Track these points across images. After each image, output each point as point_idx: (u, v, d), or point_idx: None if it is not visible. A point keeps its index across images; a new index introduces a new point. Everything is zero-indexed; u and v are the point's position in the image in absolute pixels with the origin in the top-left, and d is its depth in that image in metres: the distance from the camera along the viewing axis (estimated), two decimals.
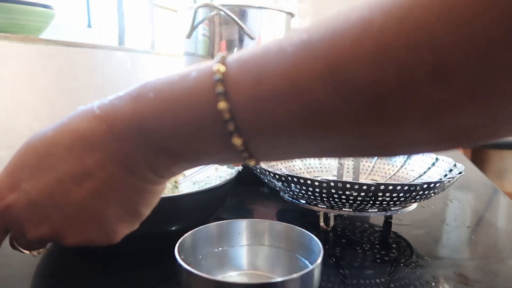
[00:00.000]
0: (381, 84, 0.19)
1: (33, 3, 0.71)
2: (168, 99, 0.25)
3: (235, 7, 0.83)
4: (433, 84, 0.18)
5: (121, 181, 0.27)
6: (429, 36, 0.17)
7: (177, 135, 0.25)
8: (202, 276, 0.29)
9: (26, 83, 0.72)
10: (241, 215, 0.61)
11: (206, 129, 0.24)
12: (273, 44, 0.23)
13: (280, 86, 0.21)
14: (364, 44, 0.19)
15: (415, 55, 0.18)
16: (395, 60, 0.18)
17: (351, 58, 0.19)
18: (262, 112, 0.22)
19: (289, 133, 0.23)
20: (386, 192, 0.44)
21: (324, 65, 0.20)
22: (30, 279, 0.42)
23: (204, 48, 0.87)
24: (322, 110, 0.21)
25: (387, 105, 0.19)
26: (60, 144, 0.27)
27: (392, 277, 0.42)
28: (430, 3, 0.17)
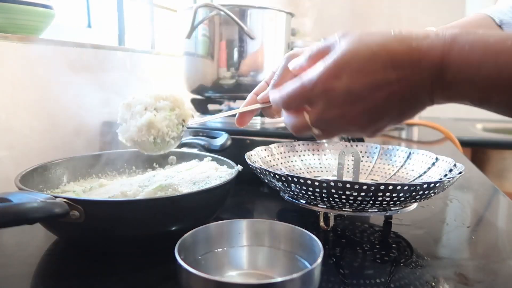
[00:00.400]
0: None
1: (33, 3, 0.71)
2: (480, 54, 0.32)
3: (235, 7, 0.83)
4: None
5: (406, 98, 0.36)
6: None
7: (472, 85, 0.33)
8: (202, 276, 0.29)
9: (26, 83, 0.72)
10: (241, 215, 0.61)
11: (500, 90, 0.32)
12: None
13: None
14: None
15: None
16: None
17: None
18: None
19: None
20: (386, 192, 0.44)
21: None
22: (30, 279, 0.42)
23: (204, 48, 0.87)
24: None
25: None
26: (379, 58, 0.35)
27: (392, 277, 0.42)
28: None
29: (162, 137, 0.52)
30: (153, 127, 0.52)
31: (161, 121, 0.52)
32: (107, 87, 0.93)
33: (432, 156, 0.60)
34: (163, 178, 0.56)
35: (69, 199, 0.39)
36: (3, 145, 0.68)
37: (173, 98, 0.54)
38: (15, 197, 0.36)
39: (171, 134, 0.53)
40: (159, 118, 0.52)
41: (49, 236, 0.48)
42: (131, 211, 0.42)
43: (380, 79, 0.35)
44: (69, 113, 0.82)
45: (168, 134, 0.53)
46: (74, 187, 0.58)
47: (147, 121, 0.51)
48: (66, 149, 0.81)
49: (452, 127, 1.50)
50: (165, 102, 0.53)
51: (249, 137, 0.80)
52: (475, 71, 0.32)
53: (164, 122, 0.52)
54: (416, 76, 0.34)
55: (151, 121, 0.51)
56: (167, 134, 0.53)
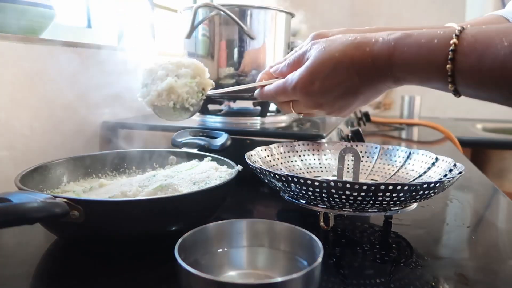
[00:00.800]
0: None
1: (33, 3, 0.71)
2: (415, 53, 0.40)
3: (235, 7, 0.83)
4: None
5: (369, 91, 0.47)
6: None
7: (413, 75, 0.42)
8: (202, 276, 0.29)
9: (26, 83, 0.72)
10: (241, 215, 0.61)
11: (433, 77, 0.40)
12: (499, 34, 0.35)
13: (495, 70, 0.35)
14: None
15: None
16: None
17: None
18: (476, 79, 0.37)
19: (490, 96, 0.38)
20: (386, 192, 0.44)
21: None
22: (30, 279, 0.42)
23: (204, 48, 0.87)
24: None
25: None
26: (343, 63, 0.45)
27: (392, 277, 0.42)
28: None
29: (182, 103, 0.53)
30: (173, 92, 0.52)
31: (181, 87, 0.53)
32: (107, 87, 0.93)
33: (432, 156, 0.60)
34: (163, 178, 0.56)
35: (69, 199, 0.39)
36: (3, 145, 0.68)
37: (195, 66, 0.55)
38: (15, 197, 0.36)
39: (190, 100, 0.54)
40: (179, 84, 0.53)
41: (49, 236, 0.48)
42: (131, 211, 0.42)
43: (345, 79, 0.45)
44: (69, 113, 0.82)
45: (187, 100, 0.53)
46: (74, 187, 0.58)
47: (168, 86, 0.52)
48: (66, 149, 0.81)
49: (452, 127, 1.50)
50: (186, 69, 0.54)
51: (249, 137, 0.80)
52: (413, 66, 0.41)
53: (184, 88, 0.53)
54: (372, 73, 0.44)
55: (171, 86, 0.52)
56: (187, 100, 0.53)
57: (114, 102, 0.96)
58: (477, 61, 0.36)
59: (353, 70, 0.44)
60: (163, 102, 0.53)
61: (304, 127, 0.92)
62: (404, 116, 1.76)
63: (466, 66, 0.37)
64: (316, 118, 1.12)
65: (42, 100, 0.76)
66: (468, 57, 0.37)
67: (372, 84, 0.45)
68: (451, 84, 0.39)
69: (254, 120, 0.90)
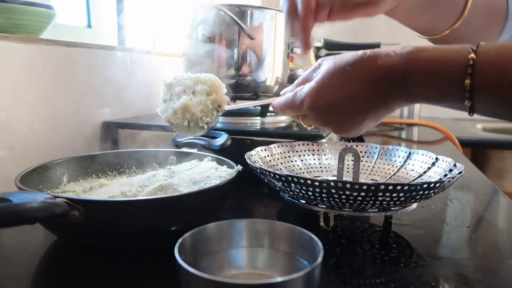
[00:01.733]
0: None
1: (33, 3, 0.71)
2: (430, 67, 0.39)
3: (235, 7, 0.83)
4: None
5: (380, 109, 0.44)
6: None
7: (428, 90, 0.40)
8: (202, 276, 0.29)
9: (26, 83, 0.72)
10: (241, 215, 0.61)
11: (450, 92, 0.38)
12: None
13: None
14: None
15: None
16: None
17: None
18: (496, 95, 0.36)
19: (508, 112, 0.37)
20: (386, 192, 0.44)
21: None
22: (30, 279, 0.42)
23: (204, 48, 0.87)
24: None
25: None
26: (354, 78, 0.43)
27: (392, 277, 0.42)
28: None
29: (196, 121, 0.53)
30: (188, 111, 0.53)
31: (196, 106, 0.53)
32: (107, 87, 0.93)
33: (432, 156, 0.60)
34: (163, 178, 0.56)
35: (69, 199, 0.39)
36: (3, 145, 0.69)
37: (211, 82, 0.55)
38: (15, 197, 0.36)
39: (204, 119, 0.54)
40: (194, 103, 0.53)
41: (49, 236, 0.48)
42: (131, 211, 0.42)
43: (356, 93, 0.43)
44: (69, 113, 0.82)
45: (202, 119, 0.54)
46: (74, 187, 0.58)
47: (183, 105, 0.53)
48: (66, 149, 0.81)
49: (452, 127, 1.50)
50: (203, 86, 0.54)
51: (249, 137, 0.80)
52: (429, 81, 0.40)
53: (198, 107, 0.53)
54: (385, 88, 0.42)
55: (186, 105, 0.53)
56: (201, 119, 0.54)
57: (114, 102, 0.96)
58: (496, 76, 0.36)
59: (365, 84, 0.42)
60: (178, 120, 0.54)
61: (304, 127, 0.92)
62: (404, 116, 1.76)
63: (486, 81, 0.36)
64: None
65: (42, 100, 0.76)
66: (488, 72, 0.36)
67: (384, 100, 0.43)
68: (468, 100, 0.37)
69: (254, 120, 0.90)
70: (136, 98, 1.04)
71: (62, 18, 0.92)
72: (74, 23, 1.03)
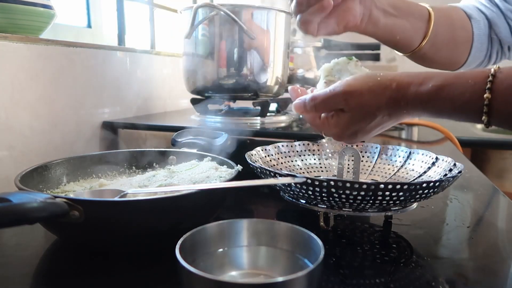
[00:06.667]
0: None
1: (33, 3, 0.71)
2: (446, 94, 0.41)
3: (235, 7, 0.83)
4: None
5: (389, 123, 0.49)
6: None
7: (443, 113, 0.43)
8: (203, 276, 0.29)
9: (26, 83, 0.72)
10: (241, 215, 0.61)
11: (466, 113, 0.41)
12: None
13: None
14: None
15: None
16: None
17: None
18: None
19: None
20: (386, 192, 0.44)
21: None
22: (30, 279, 0.42)
23: (204, 48, 0.87)
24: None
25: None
26: (368, 100, 0.45)
27: (392, 277, 0.42)
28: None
29: None
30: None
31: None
32: (107, 87, 0.93)
33: (432, 156, 0.60)
34: (163, 178, 0.56)
35: (69, 199, 0.39)
36: (3, 145, 0.68)
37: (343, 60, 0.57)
38: (15, 197, 0.36)
39: None
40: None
41: (49, 236, 0.48)
42: (131, 211, 0.42)
43: (373, 105, 0.46)
44: (69, 113, 0.82)
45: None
46: (74, 187, 0.58)
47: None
48: (66, 149, 0.81)
49: (452, 127, 1.50)
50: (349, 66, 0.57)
51: (249, 137, 0.80)
52: (446, 117, 0.44)
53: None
54: (402, 113, 0.46)
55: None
56: None
57: (114, 102, 0.96)
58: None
59: (384, 105, 0.45)
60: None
61: (304, 127, 0.92)
62: None
63: (503, 116, 0.39)
64: None
65: (42, 100, 0.76)
66: (503, 110, 0.38)
67: (399, 118, 0.47)
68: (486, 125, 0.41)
69: (254, 120, 0.90)
70: (136, 98, 1.04)
71: (62, 18, 0.92)
72: (74, 23, 1.03)
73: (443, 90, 0.42)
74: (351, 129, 0.49)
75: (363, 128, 0.49)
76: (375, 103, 0.46)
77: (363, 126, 0.48)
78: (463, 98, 0.41)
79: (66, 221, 0.39)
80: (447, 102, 0.42)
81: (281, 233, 0.39)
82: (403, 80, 0.45)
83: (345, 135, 0.50)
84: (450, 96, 0.41)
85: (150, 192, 0.50)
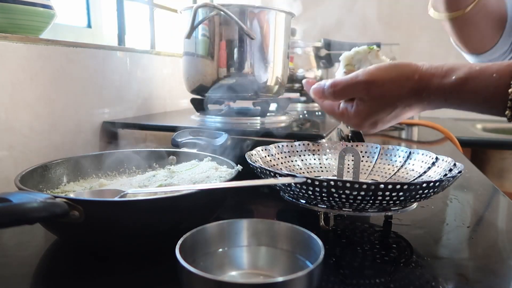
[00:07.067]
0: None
1: (33, 3, 0.71)
2: (469, 87, 0.41)
3: (235, 7, 0.83)
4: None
5: (409, 114, 0.49)
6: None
7: (466, 106, 0.43)
8: (204, 276, 0.29)
9: (26, 83, 0.72)
10: (241, 215, 0.61)
11: (489, 107, 0.42)
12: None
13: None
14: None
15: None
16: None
17: None
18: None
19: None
20: (386, 192, 0.44)
21: None
22: (30, 279, 0.42)
23: (204, 48, 0.87)
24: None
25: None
26: (390, 91, 0.46)
27: (392, 277, 0.42)
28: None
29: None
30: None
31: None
32: (107, 87, 0.93)
33: (432, 156, 0.60)
34: (163, 178, 0.56)
35: (69, 199, 0.39)
36: (3, 145, 0.68)
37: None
38: (15, 197, 0.36)
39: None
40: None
41: (49, 236, 0.48)
42: (131, 211, 0.42)
43: (397, 95, 0.46)
44: (69, 113, 0.82)
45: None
46: (74, 187, 0.58)
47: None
48: (66, 149, 0.81)
49: (452, 127, 1.50)
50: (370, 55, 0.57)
51: (249, 137, 0.80)
52: (470, 110, 0.44)
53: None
54: (424, 103, 0.46)
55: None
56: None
57: (114, 102, 0.96)
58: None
59: (405, 94, 0.45)
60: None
61: (304, 127, 0.92)
62: None
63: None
64: (316, 118, 1.12)
65: (42, 100, 0.76)
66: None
67: (420, 109, 0.48)
68: (509, 119, 0.41)
69: (254, 120, 0.90)
70: (136, 98, 1.04)
71: (62, 18, 0.92)
72: (74, 23, 1.03)
73: (467, 83, 0.41)
74: (371, 119, 0.49)
75: (383, 118, 0.49)
76: (396, 93, 0.46)
77: (384, 116, 0.48)
78: (487, 92, 0.40)
79: (66, 221, 0.39)
80: (470, 95, 0.41)
81: (281, 233, 0.39)
82: (426, 72, 0.44)
83: (365, 125, 0.50)
84: (474, 90, 0.41)
85: (150, 192, 0.49)
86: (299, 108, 1.41)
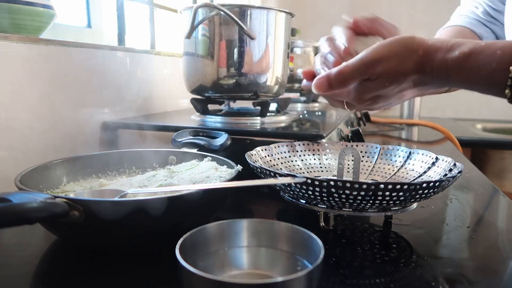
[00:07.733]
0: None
1: (33, 3, 0.71)
2: (472, 62, 0.41)
3: (235, 7, 0.83)
4: None
5: (411, 92, 0.49)
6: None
7: (468, 82, 0.43)
8: (204, 276, 0.29)
9: (26, 83, 0.72)
10: (241, 215, 0.61)
11: (490, 85, 0.41)
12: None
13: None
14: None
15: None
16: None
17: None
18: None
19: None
20: (386, 192, 0.44)
21: None
22: (30, 279, 0.42)
23: (204, 48, 0.87)
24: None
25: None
26: (395, 66, 0.45)
27: (392, 277, 0.42)
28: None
29: None
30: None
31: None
32: (107, 87, 0.93)
33: (432, 156, 0.60)
34: (163, 178, 0.56)
35: (69, 199, 0.39)
36: (3, 145, 0.68)
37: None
38: (15, 197, 0.36)
39: None
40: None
41: (49, 236, 0.48)
42: (131, 211, 0.42)
43: (408, 69, 0.45)
44: (69, 113, 0.82)
45: None
46: (74, 187, 0.58)
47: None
48: (66, 149, 0.81)
49: (452, 127, 1.50)
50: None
51: (249, 137, 0.80)
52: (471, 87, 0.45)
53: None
54: (428, 80, 0.46)
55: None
56: None
57: (114, 102, 0.96)
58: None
59: (409, 69, 0.45)
60: None
61: (304, 127, 0.92)
62: (404, 116, 1.76)
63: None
64: (316, 118, 1.12)
65: (42, 100, 0.75)
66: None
67: (423, 87, 0.48)
68: (509, 99, 0.40)
69: (254, 120, 0.90)
70: (136, 98, 1.04)
71: (62, 18, 0.92)
72: (74, 23, 1.03)
73: (470, 58, 0.41)
74: (374, 93, 0.48)
75: (386, 94, 0.48)
76: (401, 68, 0.45)
77: (387, 92, 0.48)
78: (489, 68, 0.40)
79: (66, 221, 0.39)
80: (473, 70, 0.41)
81: (281, 233, 0.39)
82: (431, 46, 0.44)
83: (366, 98, 0.49)
84: (476, 65, 0.40)
85: (150, 192, 0.49)
86: (299, 108, 1.41)
